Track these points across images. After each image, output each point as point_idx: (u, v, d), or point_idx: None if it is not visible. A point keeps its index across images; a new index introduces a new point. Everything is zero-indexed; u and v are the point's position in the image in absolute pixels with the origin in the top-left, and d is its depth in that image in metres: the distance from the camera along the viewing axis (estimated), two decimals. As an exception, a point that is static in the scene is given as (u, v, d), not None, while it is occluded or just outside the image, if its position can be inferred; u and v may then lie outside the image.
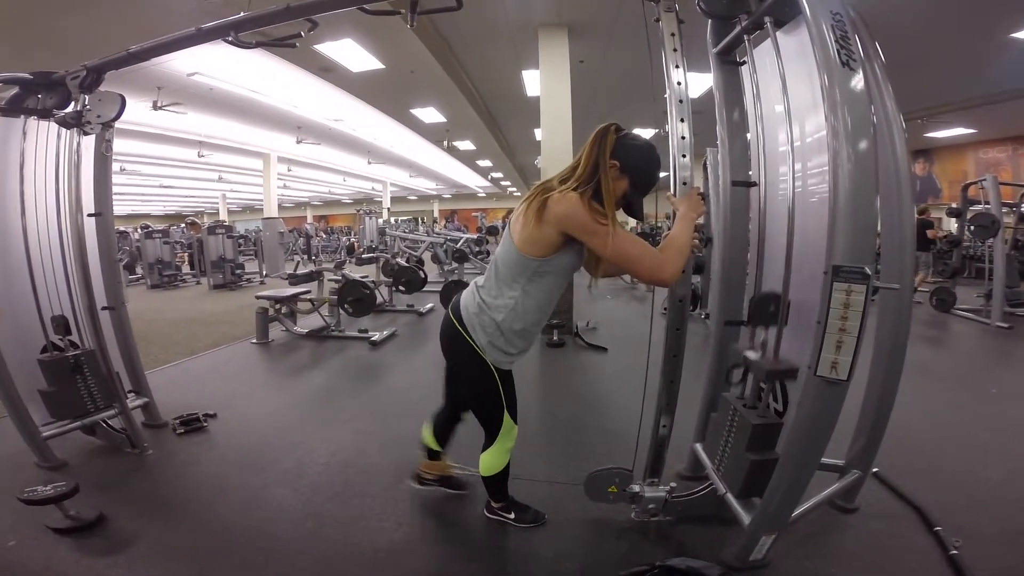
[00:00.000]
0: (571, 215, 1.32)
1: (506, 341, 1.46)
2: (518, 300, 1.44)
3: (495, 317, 1.44)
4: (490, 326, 1.45)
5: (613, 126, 1.42)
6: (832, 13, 1.26)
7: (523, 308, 1.44)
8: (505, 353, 1.49)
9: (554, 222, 1.33)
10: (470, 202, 25.85)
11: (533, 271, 1.41)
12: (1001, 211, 5.21)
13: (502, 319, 1.44)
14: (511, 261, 1.43)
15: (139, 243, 9.36)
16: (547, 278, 1.44)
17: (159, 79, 6.48)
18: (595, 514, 1.81)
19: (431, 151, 12.95)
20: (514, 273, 1.43)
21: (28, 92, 2.22)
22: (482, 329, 1.46)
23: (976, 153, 10.91)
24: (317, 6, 1.84)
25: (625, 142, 1.41)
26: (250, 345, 4.50)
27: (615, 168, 1.39)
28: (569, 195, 1.33)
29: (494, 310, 1.44)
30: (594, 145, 1.39)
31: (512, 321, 1.44)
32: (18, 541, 1.70)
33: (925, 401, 2.85)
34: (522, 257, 1.40)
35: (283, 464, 2.25)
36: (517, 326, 1.46)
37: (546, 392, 3.31)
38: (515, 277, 1.43)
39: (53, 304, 2.26)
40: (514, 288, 1.44)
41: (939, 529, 1.67)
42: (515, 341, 1.48)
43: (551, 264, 1.41)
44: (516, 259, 1.41)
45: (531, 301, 1.45)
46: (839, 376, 1.26)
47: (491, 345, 1.46)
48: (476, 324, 1.46)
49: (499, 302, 1.44)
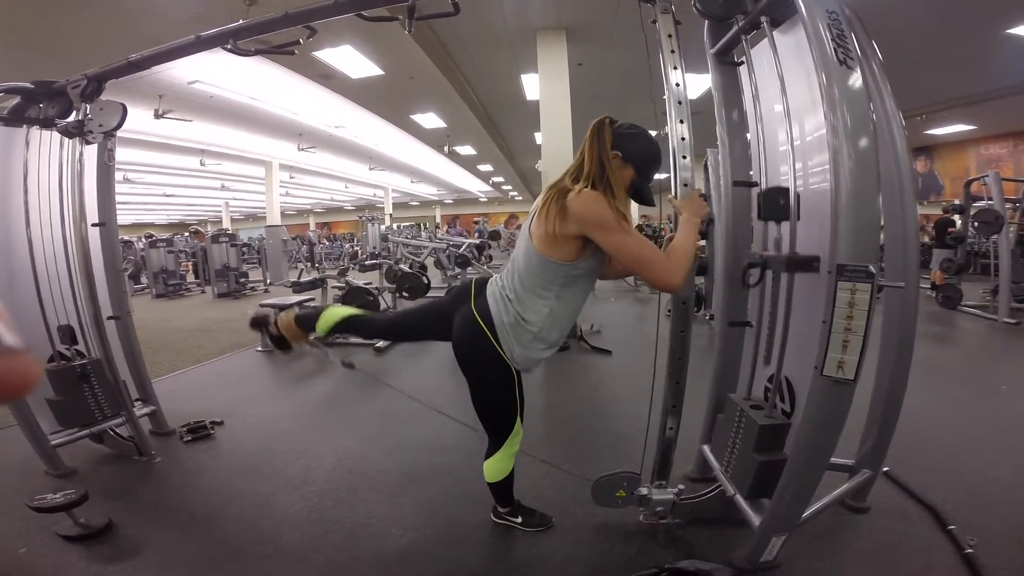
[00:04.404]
0: (593, 213, 1.31)
1: (542, 347, 1.46)
2: (553, 308, 1.42)
3: (532, 328, 1.42)
4: (525, 336, 1.43)
5: (607, 119, 1.42)
6: (828, 12, 1.26)
7: (559, 315, 1.44)
8: (533, 359, 1.48)
9: (576, 221, 1.32)
10: (472, 207, 25.87)
11: (564, 275, 1.40)
12: (1004, 207, 5.19)
13: (539, 330, 1.42)
14: (535, 268, 1.41)
15: (143, 252, 9.42)
16: (579, 282, 1.44)
17: (160, 87, 6.53)
18: (603, 517, 1.80)
19: (432, 156, 12.98)
20: (543, 280, 1.41)
21: (30, 101, 2.23)
22: (516, 340, 1.43)
23: (977, 149, 10.86)
24: (315, 13, 1.86)
25: (622, 132, 1.42)
26: (255, 353, 4.51)
27: (618, 159, 1.40)
28: (589, 192, 1.33)
29: (531, 322, 1.42)
30: (593, 141, 1.39)
31: (550, 330, 1.44)
32: (29, 548, 1.70)
33: (934, 399, 2.83)
34: (547, 262, 1.38)
35: (289, 471, 2.25)
36: (554, 335, 1.46)
37: (551, 396, 3.30)
38: (545, 284, 1.41)
39: (59, 314, 2.27)
40: (546, 296, 1.42)
41: (953, 528, 1.65)
42: (548, 349, 1.48)
43: (580, 268, 1.40)
44: (541, 265, 1.39)
45: (566, 307, 1.45)
46: (846, 376, 1.25)
47: (524, 355, 1.45)
48: (511, 336, 1.43)
49: (534, 314, 1.42)
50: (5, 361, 0.34)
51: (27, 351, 0.36)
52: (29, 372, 0.36)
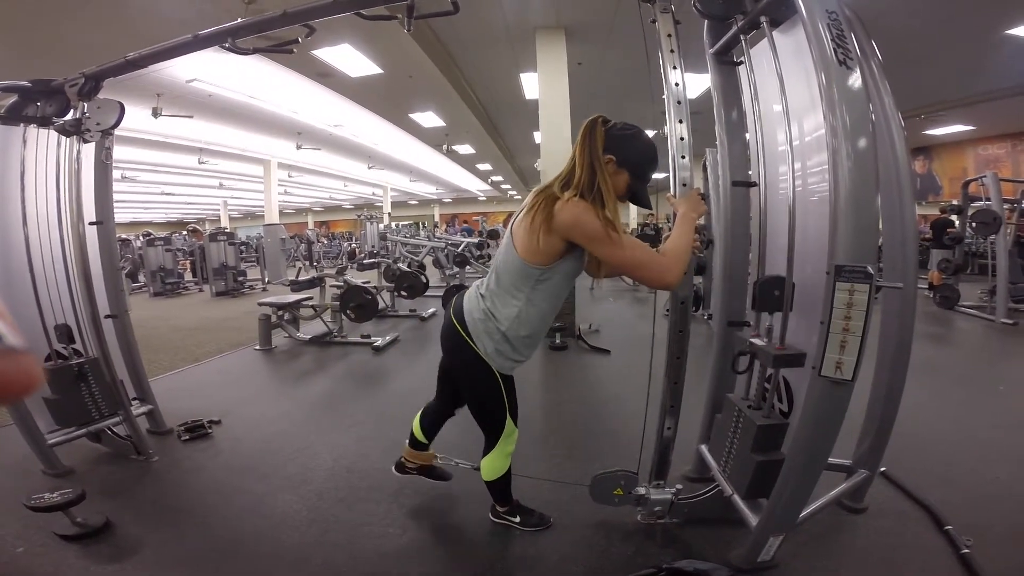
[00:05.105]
0: (579, 223, 1.29)
1: (512, 348, 1.46)
2: (522, 308, 1.42)
3: (500, 326, 1.43)
4: (495, 333, 1.44)
5: (600, 119, 1.37)
6: (828, 12, 1.26)
7: (527, 315, 1.43)
8: (510, 359, 1.48)
9: (562, 230, 1.31)
10: (471, 206, 25.87)
11: (536, 279, 1.40)
12: (1002, 207, 5.21)
13: (507, 327, 1.43)
14: (512, 268, 1.41)
15: (141, 251, 9.40)
16: (550, 285, 1.42)
17: (158, 86, 6.50)
18: (601, 517, 1.80)
19: (431, 155, 12.97)
20: (516, 281, 1.41)
21: (27, 100, 2.22)
22: (487, 336, 1.44)
23: (975, 150, 10.89)
24: (314, 11, 1.85)
25: (615, 133, 1.37)
26: (253, 351, 4.51)
27: (611, 163, 1.36)
28: (577, 202, 1.30)
29: (499, 319, 1.43)
30: (584, 144, 1.35)
31: (517, 328, 1.43)
32: (26, 548, 1.70)
33: (932, 399, 2.84)
34: (524, 265, 1.38)
35: (288, 470, 2.24)
36: (523, 333, 1.45)
37: (549, 395, 3.30)
38: (518, 285, 1.41)
39: (56, 313, 2.27)
40: (517, 296, 1.42)
41: (950, 528, 1.65)
42: (520, 348, 1.47)
43: (553, 271, 1.40)
44: (518, 267, 1.40)
45: (535, 309, 1.43)
46: (844, 376, 1.25)
47: (497, 352, 1.45)
48: (481, 331, 1.45)
49: (504, 311, 1.43)
50: (7, 361, 0.34)
51: (30, 352, 0.36)
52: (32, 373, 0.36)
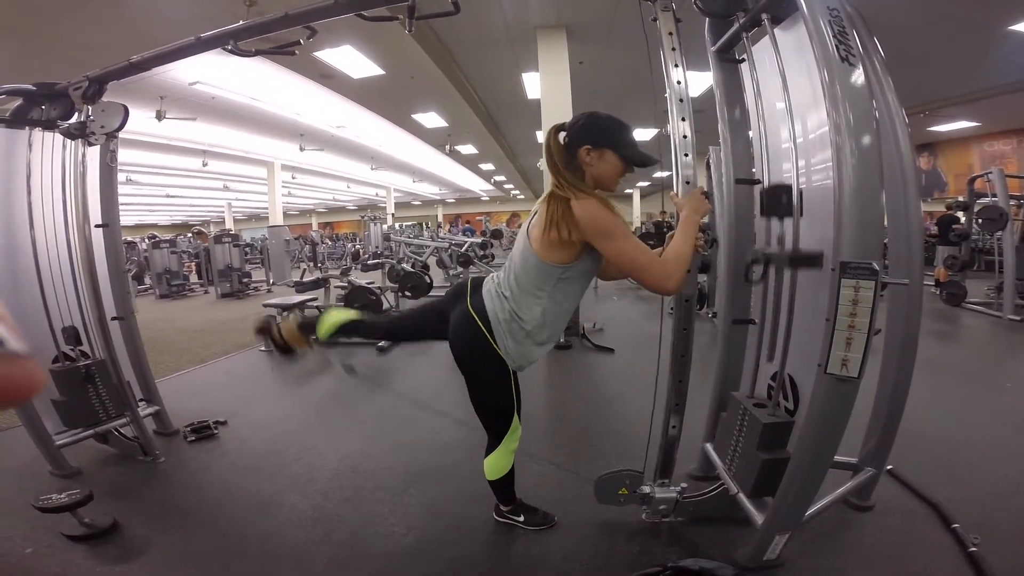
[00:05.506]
0: (594, 219, 1.33)
1: (533, 345, 1.48)
2: (547, 308, 1.44)
3: (525, 326, 1.44)
4: (519, 333, 1.45)
5: (552, 129, 1.44)
6: (829, 9, 1.25)
7: (552, 315, 1.45)
8: (527, 358, 1.50)
9: (579, 227, 1.33)
10: (474, 206, 25.87)
11: (557, 278, 1.41)
12: (1008, 203, 5.16)
13: (532, 328, 1.44)
14: (531, 268, 1.42)
15: (147, 253, 9.45)
16: (572, 283, 1.45)
17: (161, 88, 6.54)
18: (605, 516, 1.80)
19: (434, 156, 12.98)
20: (537, 281, 1.42)
21: (32, 104, 2.24)
22: (511, 336, 1.45)
23: (980, 146, 10.81)
24: (315, 13, 1.86)
25: (576, 128, 1.42)
26: (258, 353, 4.52)
27: (590, 151, 1.40)
28: (590, 200, 1.34)
29: (524, 319, 1.44)
30: (550, 159, 1.42)
31: (541, 329, 1.45)
32: (34, 548, 1.71)
33: (939, 396, 2.82)
34: (544, 264, 1.40)
35: (293, 470, 2.25)
36: (546, 334, 1.47)
37: (554, 394, 3.30)
38: (539, 284, 1.43)
39: (63, 315, 2.29)
40: (539, 296, 1.43)
41: (957, 526, 1.64)
42: (540, 348, 1.50)
43: (574, 270, 1.42)
44: (537, 267, 1.41)
45: (559, 308, 1.46)
46: (850, 373, 1.25)
47: (518, 352, 1.47)
48: (505, 331, 1.45)
49: (528, 313, 1.44)
50: (10, 366, 0.34)
51: (32, 356, 0.36)
52: (34, 377, 0.36)
